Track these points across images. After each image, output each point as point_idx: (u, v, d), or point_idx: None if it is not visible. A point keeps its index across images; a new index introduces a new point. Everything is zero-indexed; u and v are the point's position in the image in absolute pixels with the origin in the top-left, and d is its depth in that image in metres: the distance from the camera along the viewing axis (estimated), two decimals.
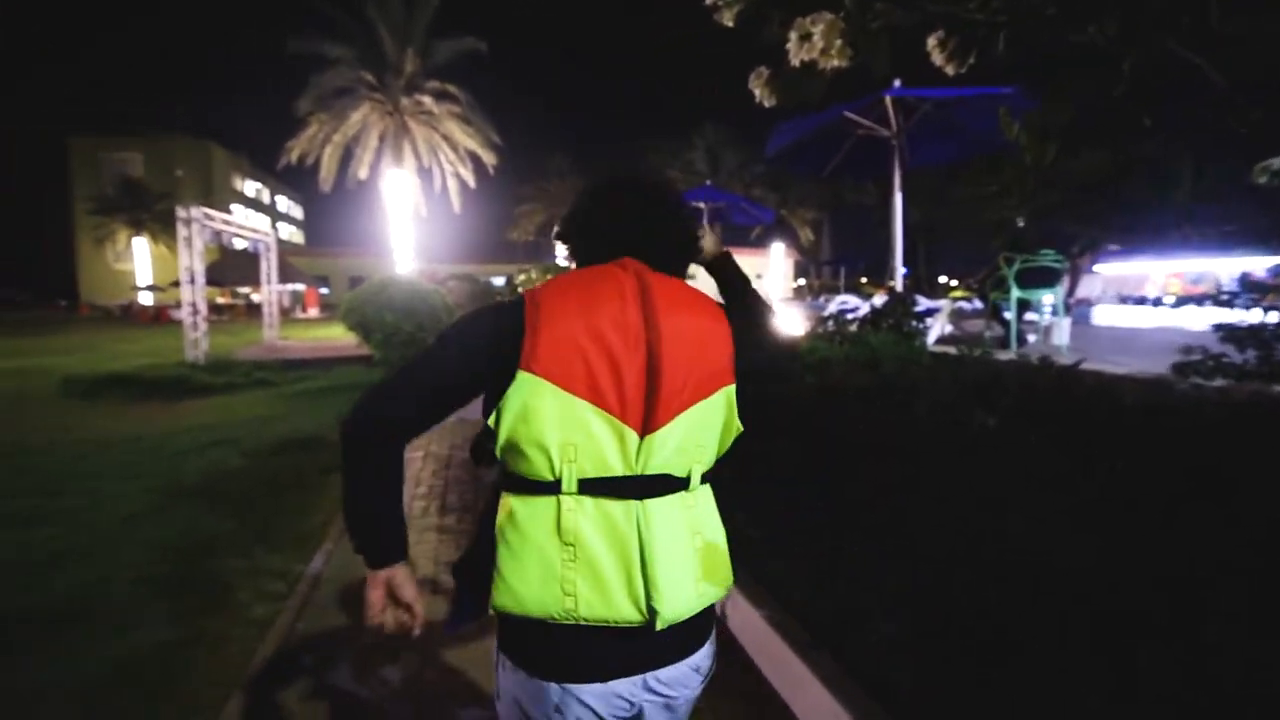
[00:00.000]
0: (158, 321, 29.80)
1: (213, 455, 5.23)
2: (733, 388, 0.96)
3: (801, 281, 58.12)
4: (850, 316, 6.65)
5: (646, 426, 0.88)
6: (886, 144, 6.44)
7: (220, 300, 36.46)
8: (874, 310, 4.96)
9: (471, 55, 22.97)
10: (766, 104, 3.48)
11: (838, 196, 46.14)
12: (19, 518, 3.85)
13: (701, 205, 13.47)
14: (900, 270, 6.77)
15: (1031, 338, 6.77)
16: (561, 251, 1.10)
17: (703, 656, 0.99)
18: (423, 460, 5.17)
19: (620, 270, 0.94)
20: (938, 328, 6.24)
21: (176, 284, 29.21)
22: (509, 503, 0.91)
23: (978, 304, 8.01)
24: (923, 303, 6.71)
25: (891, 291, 6.28)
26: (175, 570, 3.11)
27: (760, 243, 49.27)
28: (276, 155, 22.43)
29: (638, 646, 0.91)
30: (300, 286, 34.58)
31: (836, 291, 38.02)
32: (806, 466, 2.83)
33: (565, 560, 0.85)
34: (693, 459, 0.93)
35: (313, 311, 35.44)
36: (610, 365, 0.86)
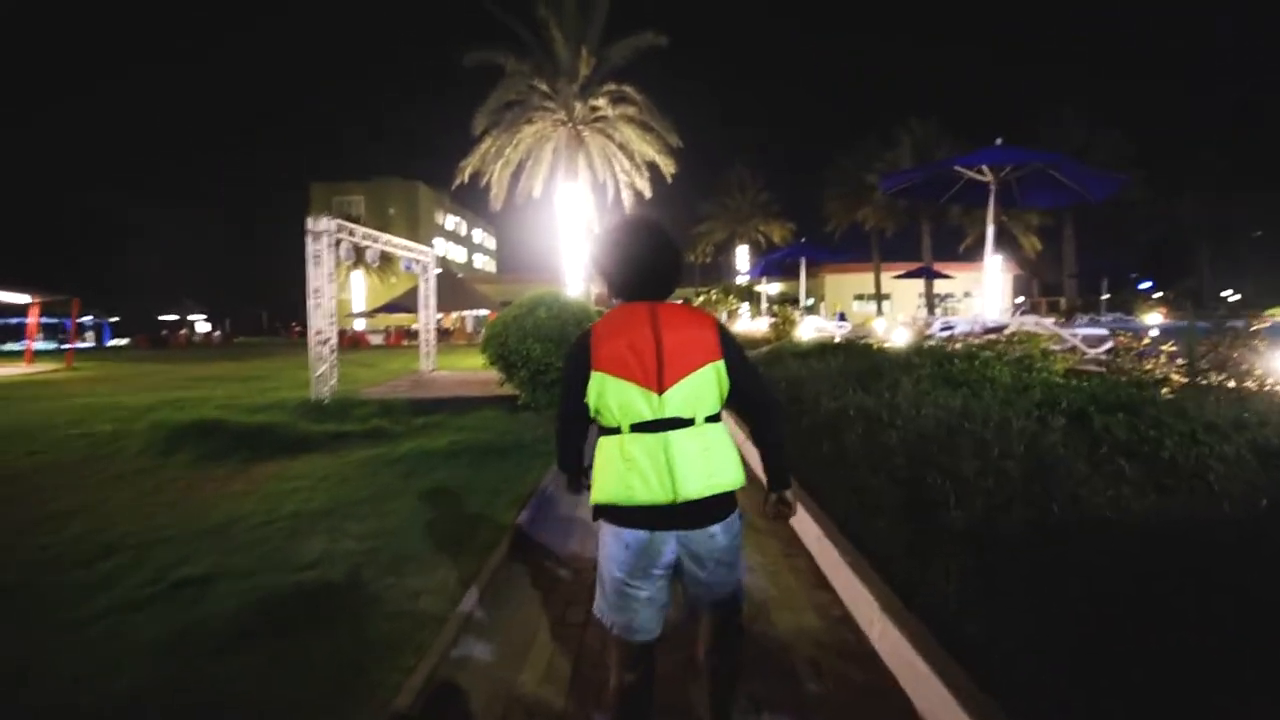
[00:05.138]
0: (356, 346, 31.74)
1: (149, 625, 2.70)
2: (719, 363, 1.62)
3: (1020, 299, 46.93)
4: None
5: (660, 389, 1.55)
6: None
7: (414, 327, 38.63)
8: None
9: (650, 53, 20.75)
10: None
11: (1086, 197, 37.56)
12: None
13: (983, 176, 8.85)
14: None
15: None
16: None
17: (718, 528, 1.61)
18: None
19: (640, 307, 1.65)
20: None
21: (378, 311, 30.49)
22: (599, 441, 1.63)
23: None
24: None
25: None
26: None
27: (970, 256, 40.93)
28: (467, 185, 21.79)
29: (670, 516, 1.56)
30: (484, 312, 35.33)
31: (1078, 312, 28.80)
32: None
33: (626, 469, 1.54)
34: (696, 408, 1.58)
35: None
36: (637, 358, 1.56)
